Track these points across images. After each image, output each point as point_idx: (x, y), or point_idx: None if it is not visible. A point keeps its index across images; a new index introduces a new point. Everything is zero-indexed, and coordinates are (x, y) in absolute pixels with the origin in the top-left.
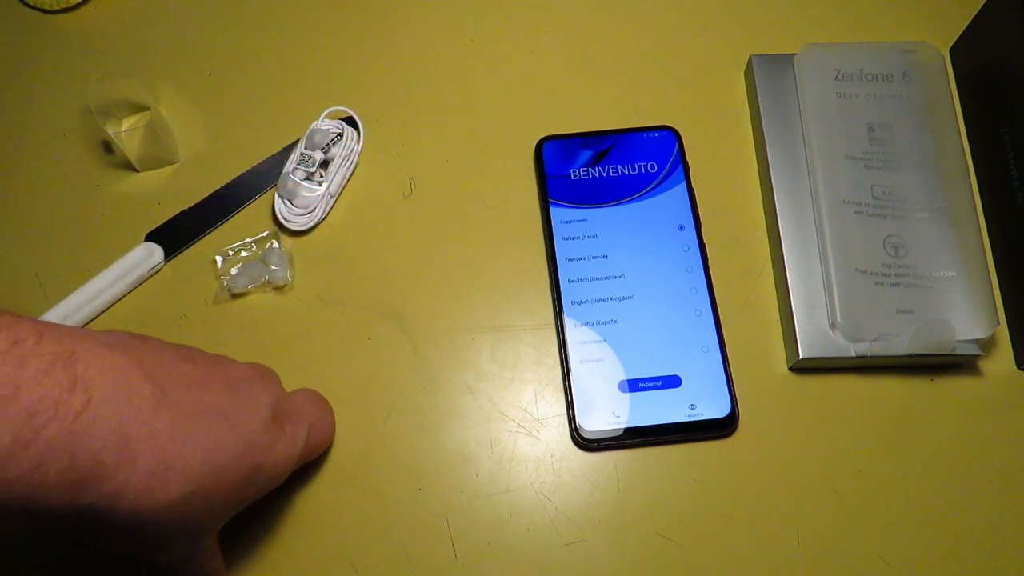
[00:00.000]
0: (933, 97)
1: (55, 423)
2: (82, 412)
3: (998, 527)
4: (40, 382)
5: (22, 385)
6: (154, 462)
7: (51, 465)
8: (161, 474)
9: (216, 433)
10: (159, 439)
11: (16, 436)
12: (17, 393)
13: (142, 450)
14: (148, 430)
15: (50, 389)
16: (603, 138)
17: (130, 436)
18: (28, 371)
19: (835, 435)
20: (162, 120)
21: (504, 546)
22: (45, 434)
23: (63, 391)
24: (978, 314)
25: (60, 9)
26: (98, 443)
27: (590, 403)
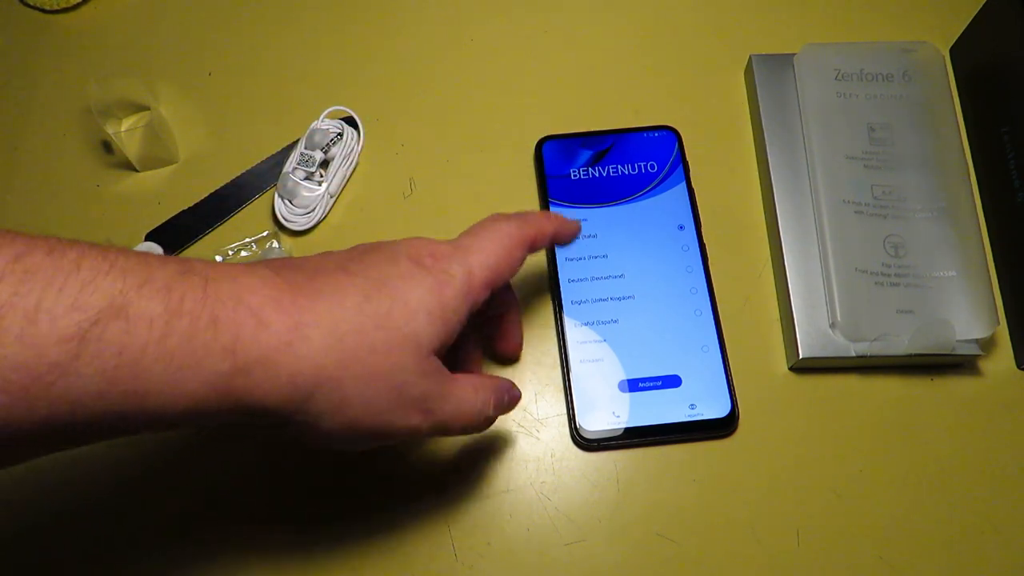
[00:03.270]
0: (933, 97)
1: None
2: (206, 287)
3: (998, 527)
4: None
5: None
6: (285, 321)
7: (202, 331)
8: (295, 329)
9: (338, 284)
10: (281, 303)
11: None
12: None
13: (269, 314)
14: (267, 297)
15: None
16: (603, 138)
17: (253, 306)
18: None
19: (835, 435)
20: (162, 120)
21: (504, 546)
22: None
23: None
24: (978, 314)
25: (60, 9)
26: (228, 311)
27: (590, 403)
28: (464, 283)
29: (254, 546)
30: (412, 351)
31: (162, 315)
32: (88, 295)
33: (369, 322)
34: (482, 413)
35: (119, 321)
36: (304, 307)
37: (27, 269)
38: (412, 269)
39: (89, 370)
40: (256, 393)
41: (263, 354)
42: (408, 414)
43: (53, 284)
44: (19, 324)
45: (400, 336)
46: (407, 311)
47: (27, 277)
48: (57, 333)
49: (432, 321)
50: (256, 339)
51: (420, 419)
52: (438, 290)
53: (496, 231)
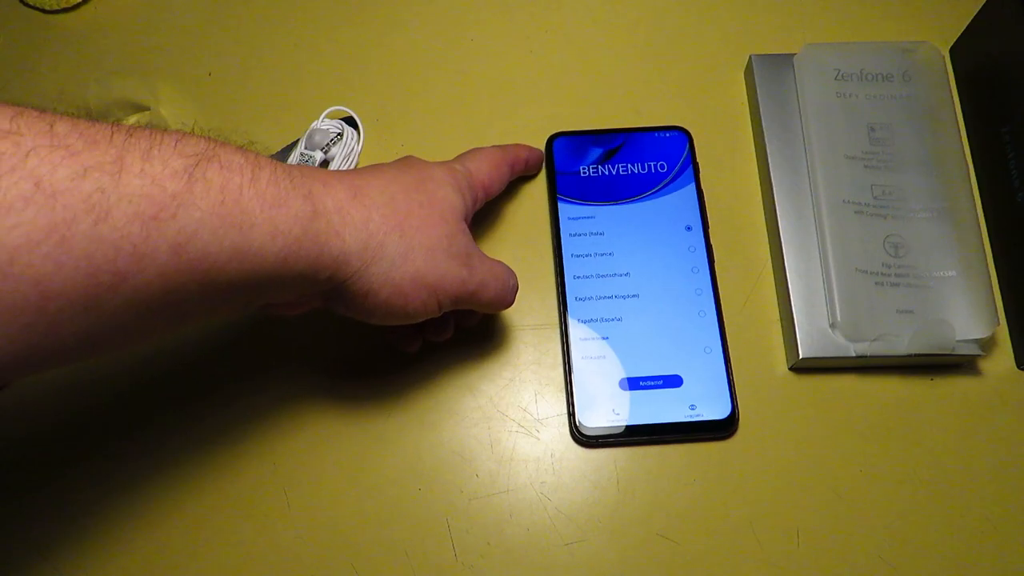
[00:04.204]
0: (933, 97)
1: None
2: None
3: (998, 527)
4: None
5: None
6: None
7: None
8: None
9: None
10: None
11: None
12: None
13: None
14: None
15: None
16: (614, 136)
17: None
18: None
19: (835, 435)
20: (162, 120)
21: (504, 546)
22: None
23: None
24: (978, 314)
25: (60, 9)
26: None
27: (590, 400)
28: (467, 175)
29: (253, 546)
30: (449, 210)
31: (246, 164)
32: (184, 145)
33: (411, 185)
34: (510, 280)
35: (215, 164)
36: (354, 176)
37: (129, 131)
38: (425, 162)
39: (201, 202)
40: (338, 235)
41: (336, 204)
42: (459, 265)
43: (154, 138)
44: (139, 162)
45: (435, 199)
46: (434, 182)
47: (133, 132)
48: (170, 169)
49: (455, 191)
50: (326, 192)
51: (467, 272)
52: (451, 173)
53: (484, 152)
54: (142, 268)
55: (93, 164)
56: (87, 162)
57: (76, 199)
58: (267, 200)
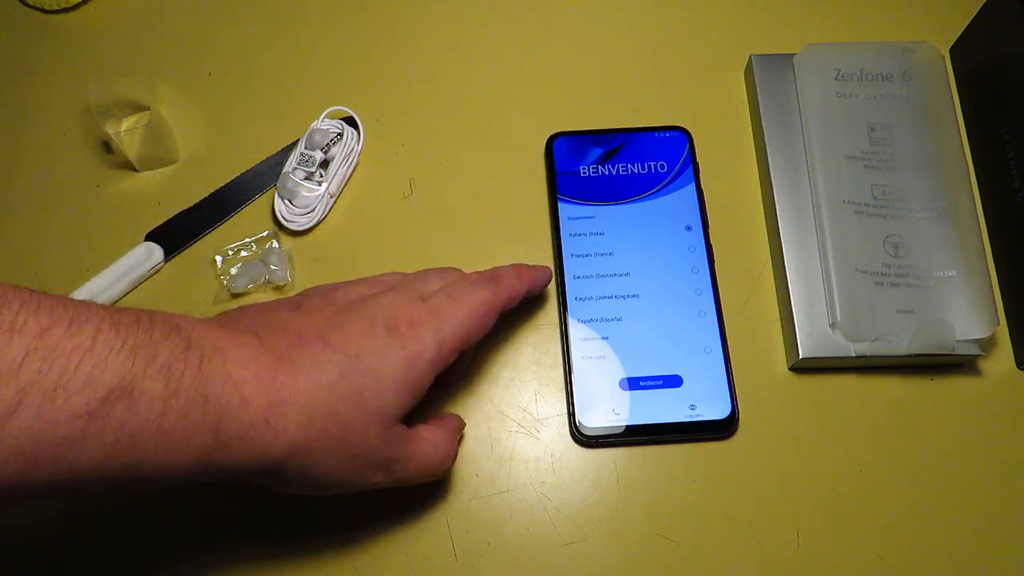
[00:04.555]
0: (933, 97)
1: (188, 373)
2: (201, 365)
3: (998, 527)
4: (165, 344)
5: (156, 347)
6: (265, 399)
7: (195, 411)
8: (273, 407)
9: (316, 358)
10: (262, 379)
11: (166, 385)
12: (156, 352)
13: (251, 392)
14: (252, 373)
15: (174, 349)
16: (614, 136)
17: (239, 381)
18: (155, 336)
19: (835, 435)
20: (162, 120)
21: (504, 546)
22: (184, 383)
23: (182, 350)
24: (978, 314)
25: (60, 9)
26: (217, 389)
27: (590, 400)
28: (435, 354)
29: (253, 547)
30: (379, 424)
31: (162, 394)
32: (100, 373)
33: (341, 401)
34: (439, 467)
35: (124, 400)
36: (283, 384)
37: (49, 346)
38: (387, 341)
39: (93, 443)
40: (233, 462)
41: (243, 430)
42: (372, 475)
43: (71, 361)
44: (39, 400)
45: (369, 412)
46: (378, 388)
47: (49, 354)
48: (70, 409)
49: (400, 395)
50: (238, 417)
51: (383, 477)
52: (409, 363)
53: (472, 299)
54: (10, 495)
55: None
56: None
57: None
58: (169, 440)
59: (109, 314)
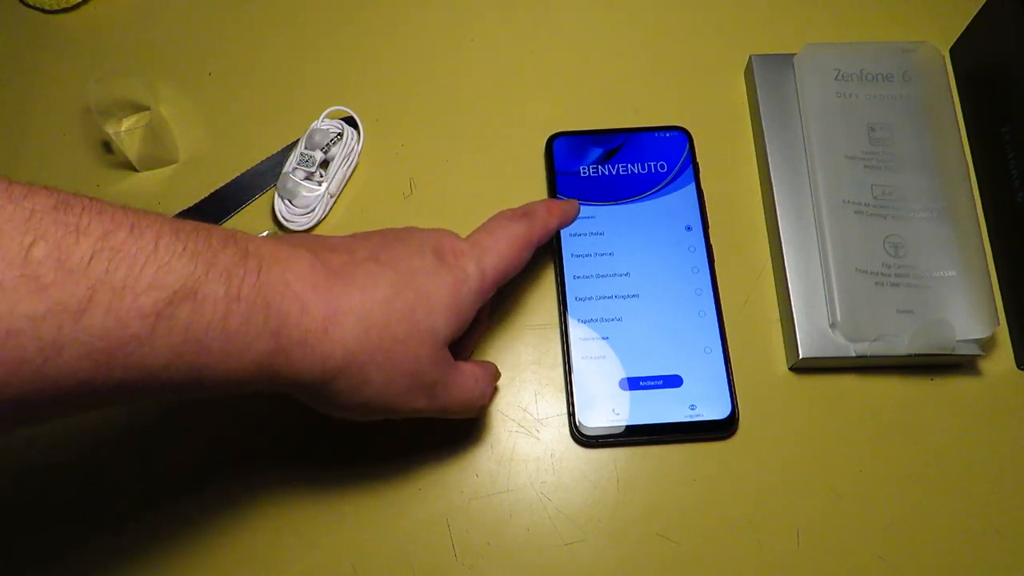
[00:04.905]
0: (933, 97)
1: (248, 280)
2: (260, 272)
3: (998, 527)
4: (224, 251)
5: (216, 253)
6: (324, 308)
7: (257, 316)
8: (331, 317)
9: (370, 274)
10: (320, 289)
11: (227, 290)
12: (216, 257)
13: (311, 300)
14: (310, 283)
15: (233, 256)
16: (614, 136)
17: (298, 290)
18: (214, 244)
19: (835, 435)
20: (162, 120)
21: (504, 546)
22: (244, 289)
23: (241, 258)
24: (978, 314)
25: (60, 9)
26: (278, 296)
27: (590, 400)
28: (478, 282)
29: (253, 546)
30: (430, 343)
31: (223, 299)
32: (164, 275)
33: (395, 315)
34: (478, 402)
35: (188, 302)
36: (340, 295)
37: (114, 247)
38: (435, 264)
39: (161, 343)
40: (293, 369)
41: (303, 337)
42: (417, 397)
43: (136, 263)
44: (108, 298)
45: (420, 330)
46: (429, 307)
47: (114, 255)
48: (138, 308)
49: (449, 317)
50: (299, 323)
51: (425, 402)
52: (456, 288)
53: (509, 232)
54: (81, 397)
55: (58, 304)
56: (52, 300)
57: (29, 340)
58: (231, 343)
59: (168, 221)
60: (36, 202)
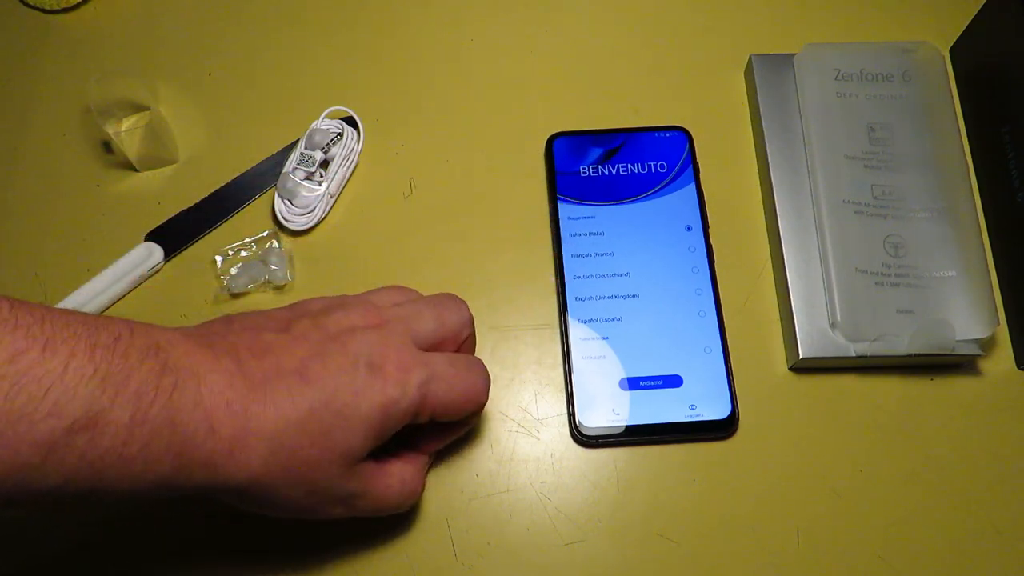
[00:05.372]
0: (933, 97)
1: (158, 402)
2: (173, 391)
3: (998, 527)
4: (139, 369)
5: (130, 372)
6: (232, 429)
7: (159, 440)
8: (239, 439)
9: (290, 391)
10: (233, 407)
11: (132, 415)
12: (128, 379)
13: (220, 420)
14: (224, 400)
15: (147, 374)
16: (614, 136)
17: (210, 408)
18: (131, 360)
19: (835, 435)
20: (162, 120)
21: (504, 546)
22: (152, 412)
23: (156, 375)
24: (978, 314)
25: (60, 9)
26: (186, 416)
27: (590, 400)
28: (414, 405)
29: (252, 548)
30: (343, 463)
31: (126, 424)
32: (66, 402)
33: (307, 439)
34: (405, 500)
35: (87, 432)
36: (253, 415)
37: (19, 371)
38: (368, 382)
39: (52, 470)
40: (194, 485)
41: (207, 458)
42: (331, 508)
43: (40, 388)
44: (2, 426)
45: (334, 452)
46: (346, 428)
47: (18, 380)
48: (33, 437)
49: (368, 436)
50: (204, 444)
51: (342, 510)
52: (384, 408)
53: (477, 374)
54: None
55: None
56: None
57: None
58: (129, 468)
59: (87, 333)
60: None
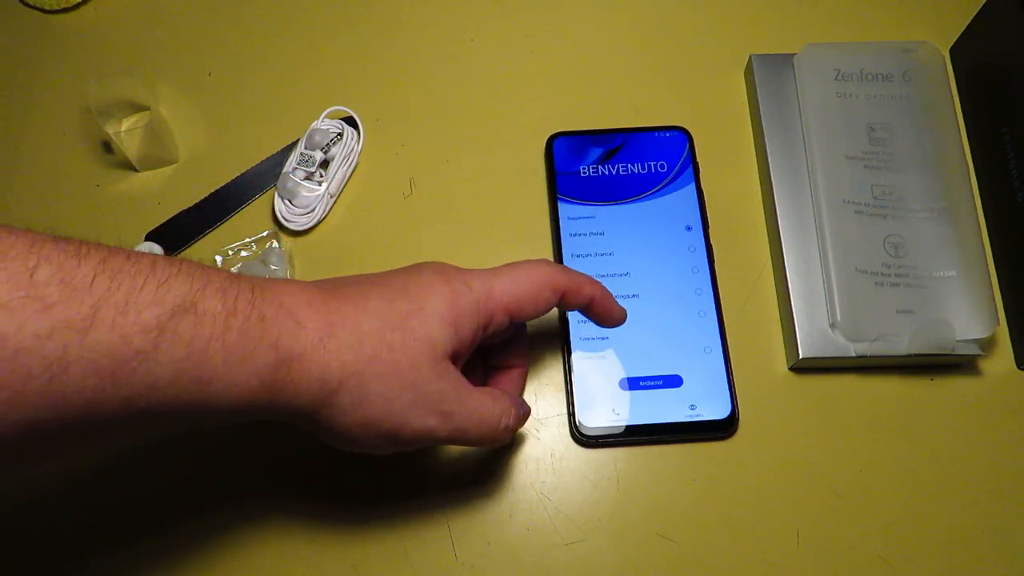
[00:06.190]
0: (933, 97)
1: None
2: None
3: (998, 527)
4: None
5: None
6: (316, 322)
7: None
8: (326, 329)
9: (361, 289)
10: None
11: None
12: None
13: (304, 315)
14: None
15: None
16: (614, 136)
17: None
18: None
19: (835, 435)
20: (162, 120)
21: (504, 546)
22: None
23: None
24: (978, 314)
25: (60, 9)
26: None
27: (590, 400)
28: (481, 296)
29: (252, 545)
30: (427, 352)
31: (221, 312)
32: (164, 292)
33: (387, 324)
34: (501, 421)
35: (189, 315)
36: (333, 309)
37: (114, 269)
38: (433, 279)
39: (165, 358)
40: (294, 386)
41: (300, 351)
42: (425, 415)
43: (137, 282)
44: (112, 315)
45: (414, 338)
46: (422, 315)
47: (115, 275)
48: (142, 324)
49: (444, 325)
50: (295, 337)
51: (436, 421)
52: (453, 298)
53: (532, 268)
54: (91, 418)
55: (63, 321)
56: (58, 318)
57: (36, 358)
58: (233, 355)
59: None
60: (36, 235)
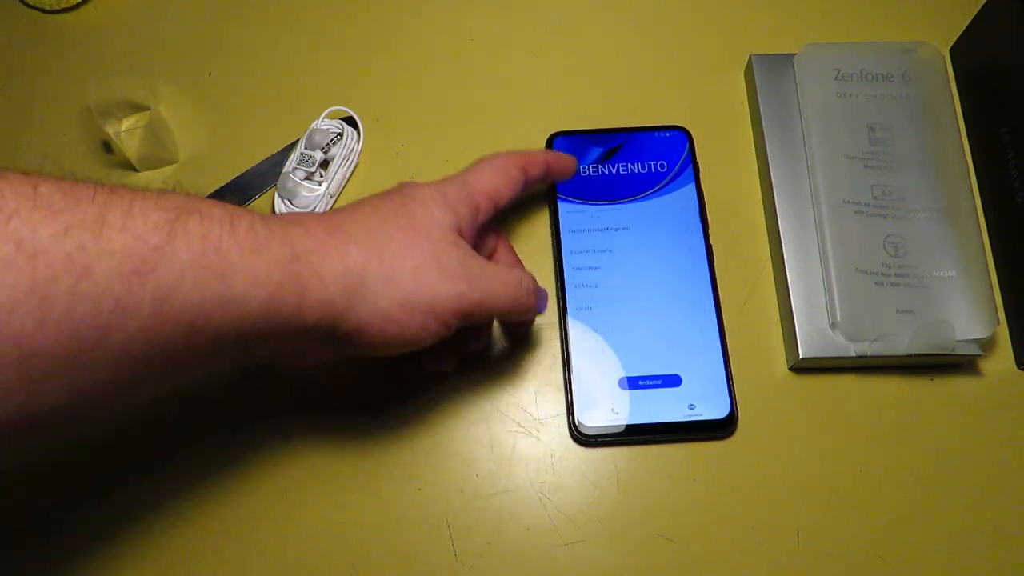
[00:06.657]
0: (933, 97)
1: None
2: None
3: (998, 527)
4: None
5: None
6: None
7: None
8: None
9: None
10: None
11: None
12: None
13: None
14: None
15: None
16: (614, 136)
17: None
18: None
19: (835, 435)
20: (162, 120)
21: (504, 546)
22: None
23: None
24: (978, 314)
25: (60, 9)
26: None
27: (590, 399)
28: (462, 187)
29: (253, 546)
30: (435, 228)
31: (224, 215)
32: (165, 200)
33: (391, 211)
34: (521, 281)
35: (195, 216)
36: (333, 214)
37: (112, 188)
38: (410, 186)
39: (182, 253)
40: (317, 278)
41: (314, 243)
42: (454, 280)
43: (135, 194)
44: (120, 217)
45: (417, 218)
46: (417, 202)
47: (115, 190)
48: (151, 222)
49: (440, 207)
50: (304, 234)
51: (465, 285)
52: (438, 190)
53: (490, 159)
54: (125, 322)
55: (74, 223)
56: (68, 221)
57: (57, 258)
58: (246, 248)
59: None
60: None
